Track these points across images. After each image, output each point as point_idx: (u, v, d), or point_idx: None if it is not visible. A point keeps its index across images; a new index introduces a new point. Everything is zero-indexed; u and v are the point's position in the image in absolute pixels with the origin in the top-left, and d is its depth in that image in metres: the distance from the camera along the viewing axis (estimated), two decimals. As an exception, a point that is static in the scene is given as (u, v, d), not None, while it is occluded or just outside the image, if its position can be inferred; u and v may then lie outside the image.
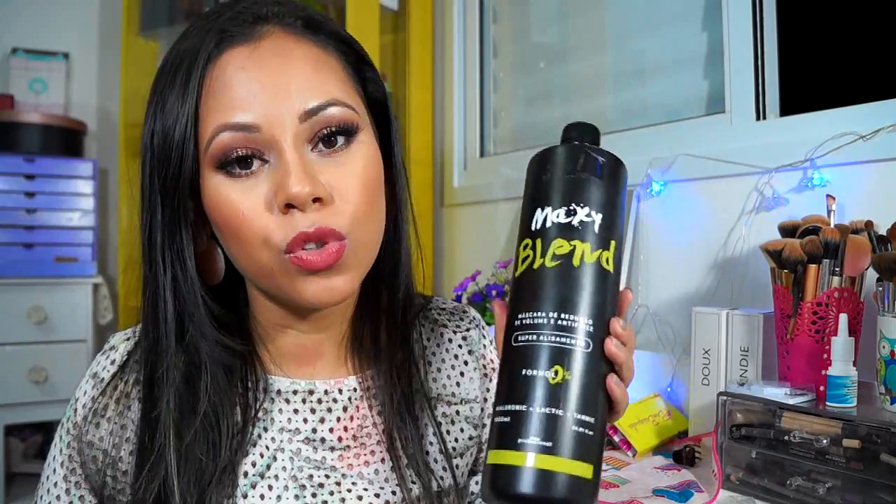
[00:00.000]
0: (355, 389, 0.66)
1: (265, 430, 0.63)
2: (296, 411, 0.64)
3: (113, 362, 0.64)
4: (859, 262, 0.94)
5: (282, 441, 0.62)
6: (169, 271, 0.58)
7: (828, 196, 1.05)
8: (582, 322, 0.46)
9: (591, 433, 0.45)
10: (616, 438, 1.14)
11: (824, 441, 0.83)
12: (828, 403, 0.87)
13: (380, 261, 0.64)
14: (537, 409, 0.44)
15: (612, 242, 0.49)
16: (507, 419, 0.45)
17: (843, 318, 0.88)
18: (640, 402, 1.22)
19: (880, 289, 0.88)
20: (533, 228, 0.49)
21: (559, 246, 0.47)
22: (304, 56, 0.57)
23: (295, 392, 0.64)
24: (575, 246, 0.47)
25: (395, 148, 0.65)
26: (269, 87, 0.55)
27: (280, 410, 0.63)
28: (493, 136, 2.00)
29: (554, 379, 0.45)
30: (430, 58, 2.10)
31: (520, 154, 1.85)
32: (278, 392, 0.64)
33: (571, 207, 0.48)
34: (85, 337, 2.14)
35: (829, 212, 1.04)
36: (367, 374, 0.66)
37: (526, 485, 0.43)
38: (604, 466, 1.05)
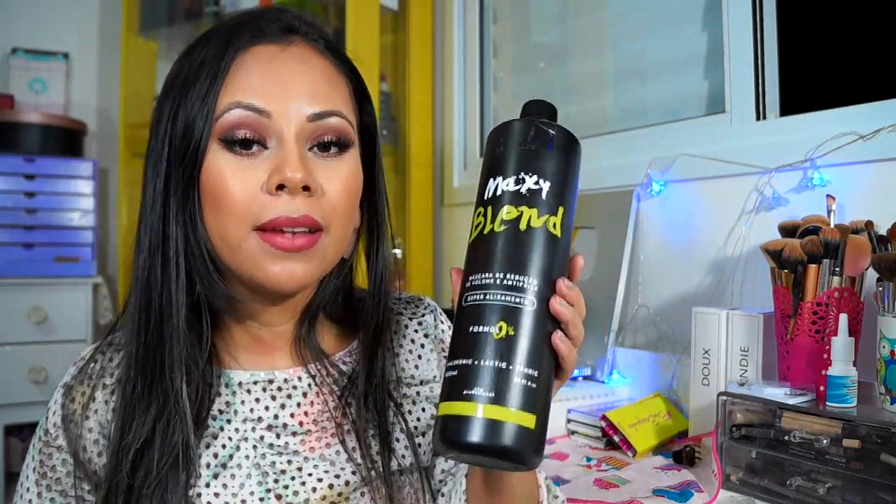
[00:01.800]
0: (314, 377, 0.69)
1: (228, 422, 0.65)
2: (257, 400, 0.67)
3: (80, 370, 0.68)
4: (859, 262, 0.94)
5: (245, 431, 0.65)
6: (182, 231, 0.61)
7: (828, 196, 1.05)
8: (527, 281, 0.49)
9: (534, 386, 0.47)
10: (616, 438, 1.14)
11: (824, 441, 0.83)
12: (828, 403, 0.87)
13: (347, 271, 0.71)
14: (482, 362, 0.47)
15: (561, 209, 0.51)
16: (455, 373, 0.48)
17: (843, 318, 0.88)
18: (640, 402, 1.22)
19: (880, 289, 0.88)
20: (485, 197, 0.52)
21: (508, 212, 0.51)
22: (322, 69, 0.64)
23: (255, 382, 0.67)
24: (522, 211, 0.50)
25: (378, 176, 0.71)
26: (288, 85, 0.61)
27: (242, 402, 0.66)
28: (493, 136, 2.00)
29: (498, 334, 0.47)
30: (430, 58, 2.10)
31: (520, 154, 1.84)
32: (239, 384, 0.67)
33: (521, 176, 0.51)
34: (85, 337, 2.14)
35: (829, 212, 1.04)
36: (324, 362, 0.70)
37: (469, 433, 0.45)
38: (604, 467, 1.05)
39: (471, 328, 0.48)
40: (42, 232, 2.14)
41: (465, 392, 0.46)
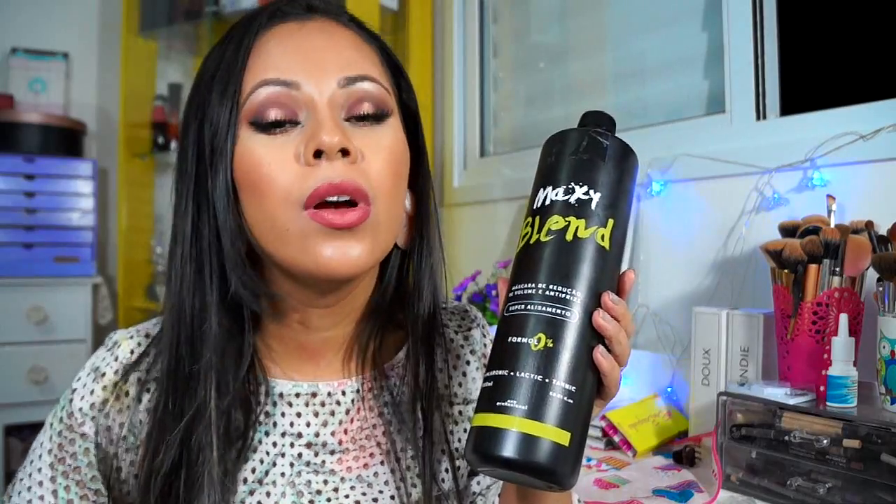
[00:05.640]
0: (357, 391, 0.65)
1: (266, 434, 0.62)
2: (298, 415, 0.63)
3: (116, 358, 0.63)
4: (859, 262, 0.94)
5: (283, 445, 0.62)
6: (214, 228, 0.58)
7: (828, 196, 1.05)
8: (570, 293, 0.47)
9: (570, 401, 0.45)
10: (616, 438, 1.14)
11: (824, 441, 0.83)
12: (828, 403, 0.87)
13: (404, 270, 0.66)
14: (518, 373, 0.45)
15: (611, 221, 0.49)
16: (491, 384, 0.46)
17: (844, 318, 0.88)
18: (639, 402, 1.22)
19: (880, 289, 0.88)
20: (535, 207, 0.51)
21: (555, 222, 0.49)
22: (347, 38, 0.61)
23: (297, 395, 0.63)
24: (570, 221, 0.49)
25: (422, 158, 0.66)
26: (312, 57, 0.58)
27: (283, 414, 0.63)
28: (493, 136, 2.00)
29: (536, 346, 0.46)
30: (430, 58, 2.10)
31: (520, 154, 1.85)
32: (280, 395, 0.63)
33: (570, 186, 0.49)
34: (85, 337, 2.14)
35: (829, 212, 1.04)
36: (368, 375, 0.66)
37: (501, 446, 0.44)
38: (604, 467, 1.05)
39: (509, 338, 0.47)
40: (42, 232, 2.14)
41: (498, 404, 0.45)
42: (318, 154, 0.55)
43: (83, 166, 2.22)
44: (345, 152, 0.55)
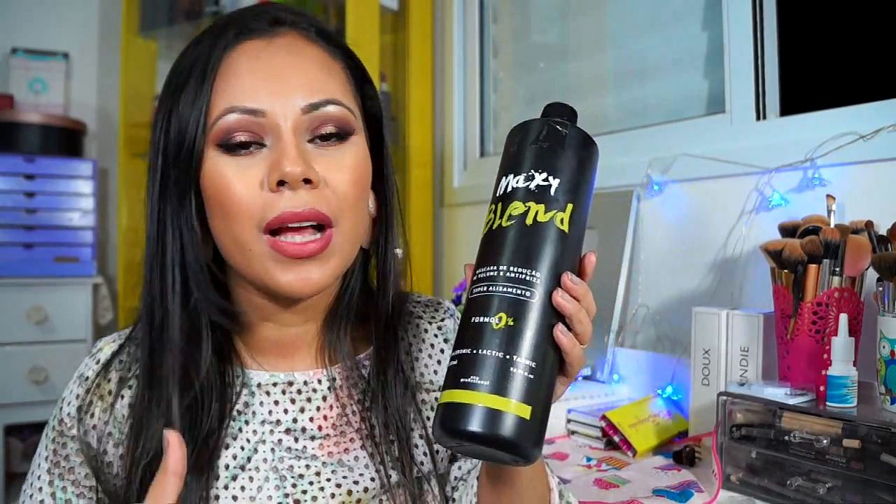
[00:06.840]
0: (334, 379, 0.68)
1: (246, 423, 0.65)
2: (276, 403, 0.66)
3: (98, 361, 0.67)
4: (859, 262, 0.94)
5: (263, 433, 0.65)
6: (178, 240, 0.61)
7: (828, 196, 1.05)
8: (531, 274, 0.49)
9: (531, 377, 0.47)
10: (616, 438, 1.14)
11: (824, 441, 0.83)
12: (828, 403, 0.87)
13: (369, 265, 0.70)
14: (480, 351, 0.47)
15: (570, 205, 0.51)
16: (455, 362, 0.48)
17: (843, 318, 0.88)
18: (639, 402, 1.22)
19: (880, 289, 0.88)
20: (497, 194, 0.53)
21: (515, 207, 0.51)
22: (313, 56, 0.63)
23: (274, 384, 0.67)
24: (530, 207, 0.50)
25: (386, 161, 0.70)
26: (278, 79, 0.60)
27: (261, 403, 0.66)
28: (493, 136, 2.00)
29: (498, 325, 0.48)
30: (430, 58, 2.10)
31: (520, 154, 1.84)
32: (258, 385, 0.66)
33: (530, 173, 0.51)
34: (85, 337, 2.14)
35: (829, 212, 1.04)
36: (345, 364, 0.69)
37: (464, 421, 0.46)
38: (604, 467, 1.05)
39: (472, 319, 0.49)
40: (42, 232, 2.14)
41: (463, 380, 0.47)
42: (281, 183, 0.57)
43: (83, 166, 2.22)
44: (307, 181, 0.58)
